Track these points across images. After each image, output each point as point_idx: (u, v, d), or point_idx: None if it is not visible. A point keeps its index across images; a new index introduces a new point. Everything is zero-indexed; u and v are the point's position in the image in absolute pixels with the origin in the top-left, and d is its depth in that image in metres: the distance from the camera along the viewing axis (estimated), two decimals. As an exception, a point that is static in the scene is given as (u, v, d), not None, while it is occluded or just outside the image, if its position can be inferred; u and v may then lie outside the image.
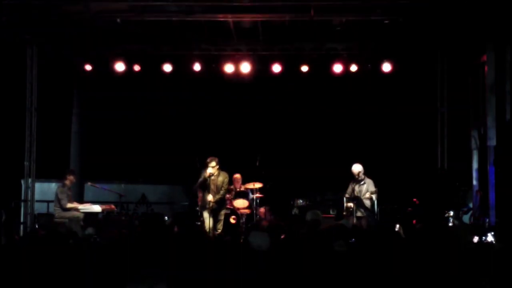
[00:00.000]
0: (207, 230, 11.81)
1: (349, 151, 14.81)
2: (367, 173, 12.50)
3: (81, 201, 13.48)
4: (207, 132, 15.99)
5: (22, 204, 14.01)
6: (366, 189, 12.27)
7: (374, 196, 12.10)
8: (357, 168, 12.40)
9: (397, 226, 11.63)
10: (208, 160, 11.91)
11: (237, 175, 13.93)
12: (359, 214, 12.15)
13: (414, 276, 4.89)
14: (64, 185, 12.57)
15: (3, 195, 12.83)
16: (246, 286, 5.01)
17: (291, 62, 14.32)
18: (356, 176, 12.35)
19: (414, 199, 12.53)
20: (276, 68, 14.30)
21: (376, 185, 12.33)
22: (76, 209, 12.36)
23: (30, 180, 13.76)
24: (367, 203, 12.17)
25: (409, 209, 12.37)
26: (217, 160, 11.96)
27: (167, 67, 14.38)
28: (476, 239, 9.26)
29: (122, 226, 11.82)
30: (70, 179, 12.65)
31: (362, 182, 12.32)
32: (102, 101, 15.78)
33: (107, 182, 14.80)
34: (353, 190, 12.37)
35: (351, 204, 12.14)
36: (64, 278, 4.70)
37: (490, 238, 9.77)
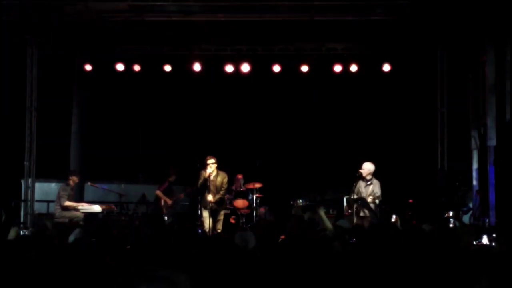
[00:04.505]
0: (207, 230, 11.83)
1: (349, 151, 14.80)
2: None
3: (81, 201, 13.48)
4: (207, 132, 15.99)
5: (22, 204, 14.02)
6: (372, 191, 11.98)
7: (377, 201, 11.85)
8: (366, 166, 11.93)
9: (394, 217, 11.61)
10: (207, 158, 11.94)
11: (239, 176, 13.95)
12: (361, 214, 11.98)
13: (411, 277, 4.89)
14: (67, 184, 12.58)
15: (3, 195, 12.83)
16: (245, 286, 5.01)
17: (291, 62, 14.33)
18: (364, 175, 12.02)
19: (410, 200, 12.46)
20: (276, 68, 14.31)
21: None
22: (76, 209, 12.36)
23: (30, 180, 13.77)
24: (371, 206, 11.88)
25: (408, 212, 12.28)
26: (215, 158, 11.98)
27: (167, 67, 14.39)
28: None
29: (122, 226, 11.82)
30: (73, 179, 12.67)
31: (369, 183, 12.04)
32: (102, 101, 15.79)
33: (107, 182, 14.80)
34: (359, 189, 12.12)
35: (355, 204, 11.92)
36: (57, 280, 4.70)
37: (485, 240, 9.75)
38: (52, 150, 14.86)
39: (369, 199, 11.80)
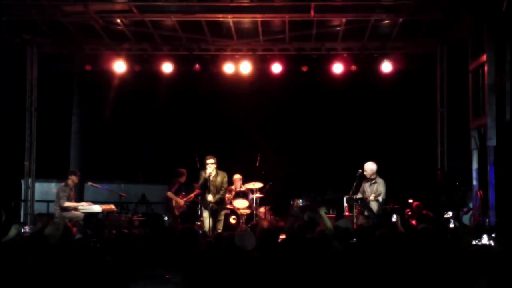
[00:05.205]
0: (207, 230, 11.83)
1: (349, 151, 14.80)
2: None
3: (81, 201, 13.48)
4: (207, 132, 15.99)
5: (22, 204, 14.01)
6: (376, 189, 11.88)
7: (380, 198, 11.76)
8: (369, 167, 11.90)
9: (394, 216, 11.56)
10: (207, 158, 11.94)
11: (238, 176, 13.93)
12: (366, 213, 11.88)
13: (411, 276, 4.90)
14: (66, 185, 12.57)
15: (3, 195, 12.83)
16: (245, 286, 5.01)
17: (291, 62, 14.33)
18: (368, 176, 11.93)
19: (410, 200, 12.43)
20: (276, 68, 14.31)
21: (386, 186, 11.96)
22: (76, 209, 12.36)
23: (30, 180, 13.78)
24: (373, 205, 11.82)
25: (408, 210, 12.24)
26: (215, 158, 11.98)
27: (167, 67, 14.38)
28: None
29: (122, 226, 11.82)
30: (72, 179, 12.64)
31: (373, 182, 11.96)
32: (102, 101, 15.80)
33: (107, 182, 14.79)
34: (364, 189, 12.03)
35: (355, 204, 11.84)
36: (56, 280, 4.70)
37: (485, 240, 9.74)
38: (52, 150, 14.86)
39: (371, 198, 11.77)
